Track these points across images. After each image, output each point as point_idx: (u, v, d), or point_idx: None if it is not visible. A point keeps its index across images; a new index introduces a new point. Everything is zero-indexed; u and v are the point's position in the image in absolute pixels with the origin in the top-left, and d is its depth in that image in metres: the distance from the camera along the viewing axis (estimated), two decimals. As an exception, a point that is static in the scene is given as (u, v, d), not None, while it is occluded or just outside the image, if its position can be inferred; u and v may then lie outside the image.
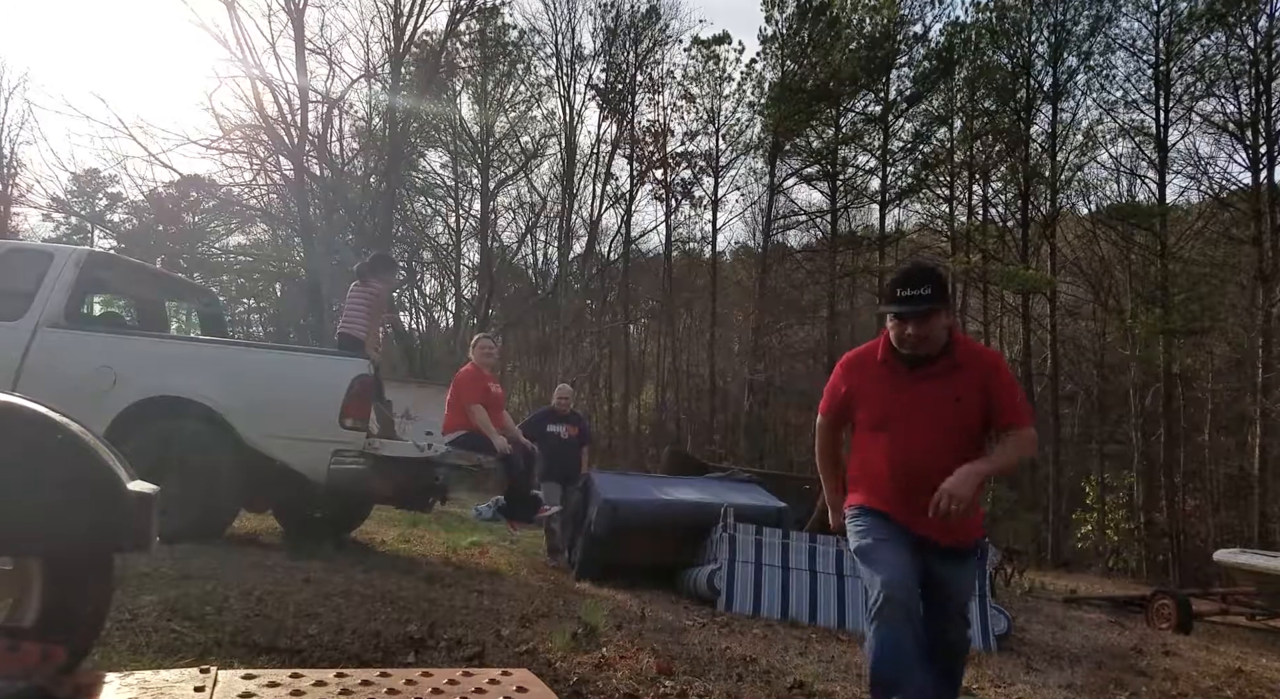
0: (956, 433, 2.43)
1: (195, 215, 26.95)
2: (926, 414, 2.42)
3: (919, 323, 2.38)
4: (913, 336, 2.40)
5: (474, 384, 5.78)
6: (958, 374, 2.44)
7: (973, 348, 2.59)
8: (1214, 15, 18.52)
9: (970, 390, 2.43)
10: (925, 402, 2.43)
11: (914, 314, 2.38)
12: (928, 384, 2.44)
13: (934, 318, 2.39)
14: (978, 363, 2.49)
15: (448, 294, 28.37)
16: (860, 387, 2.55)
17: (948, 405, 2.42)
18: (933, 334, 2.40)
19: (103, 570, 1.70)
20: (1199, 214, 20.78)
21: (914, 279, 2.41)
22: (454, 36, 21.73)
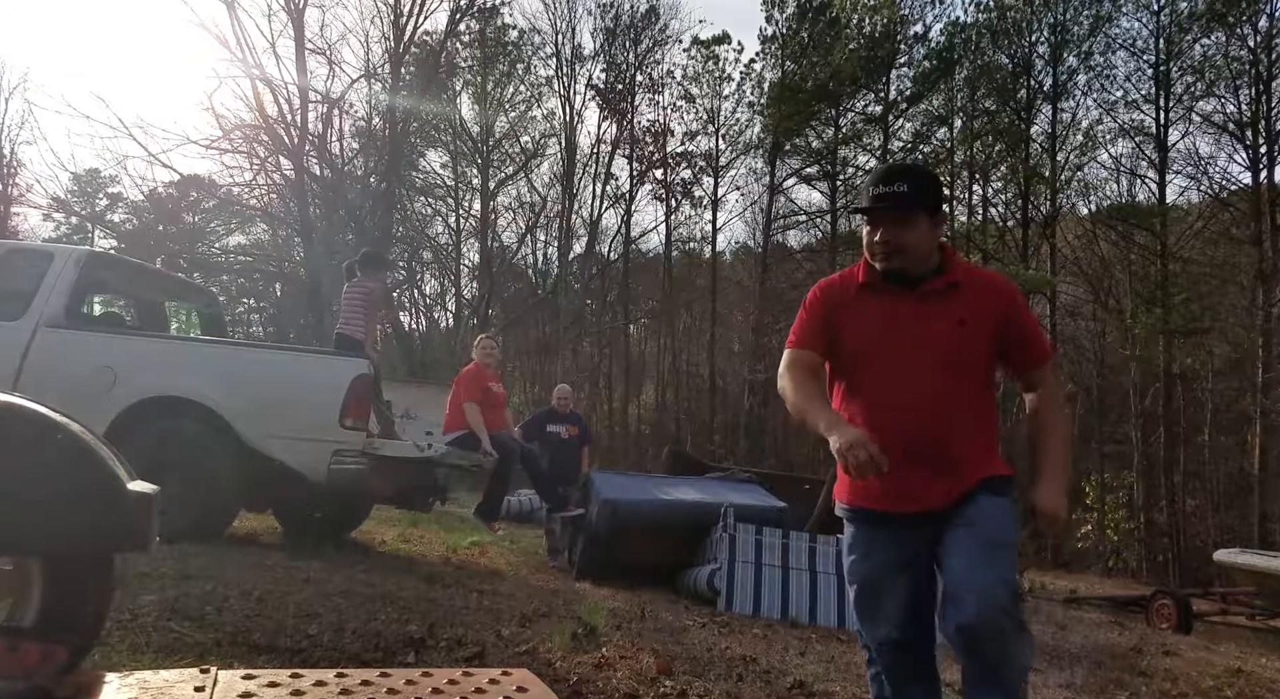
0: (962, 369, 1.94)
1: (195, 215, 26.98)
2: (922, 345, 1.93)
3: (891, 226, 1.94)
4: (883, 244, 1.94)
5: (474, 383, 5.81)
6: (958, 295, 1.97)
7: (977, 271, 2.15)
8: (1214, 15, 18.52)
9: (977, 314, 1.96)
10: (919, 328, 1.95)
11: (885, 214, 1.94)
12: (921, 307, 1.96)
13: (911, 221, 1.93)
14: (986, 286, 2.03)
15: (448, 294, 28.40)
16: (837, 319, 2.03)
17: (949, 331, 1.93)
18: (910, 242, 1.93)
19: (103, 570, 1.70)
20: (1199, 214, 20.78)
21: (889, 175, 1.98)
22: (454, 36, 21.76)
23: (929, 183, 2.00)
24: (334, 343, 5.46)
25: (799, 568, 5.21)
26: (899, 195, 1.92)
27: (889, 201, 1.93)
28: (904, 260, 1.95)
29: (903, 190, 1.92)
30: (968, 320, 1.94)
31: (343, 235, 17.85)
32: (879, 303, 1.99)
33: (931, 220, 1.97)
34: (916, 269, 1.97)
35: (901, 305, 1.97)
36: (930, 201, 1.96)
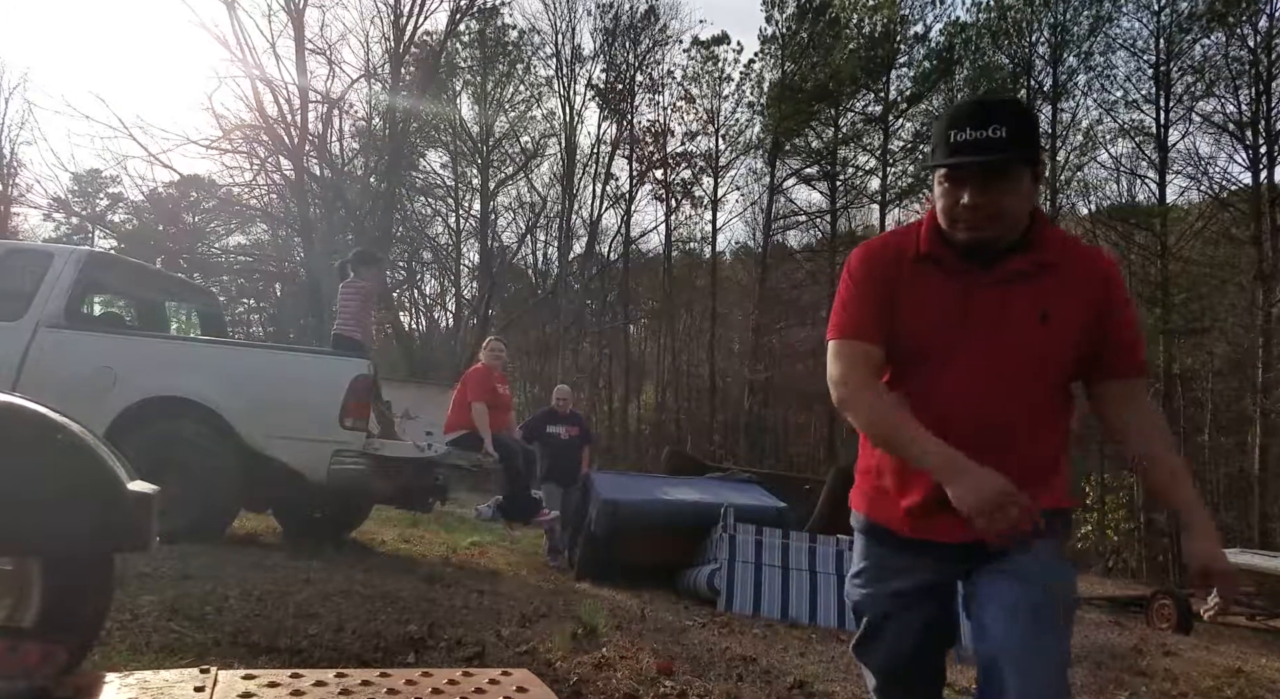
0: (1041, 373, 1.49)
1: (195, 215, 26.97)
2: (993, 344, 1.48)
3: (985, 185, 1.44)
4: (973, 209, 1.45)
5: (482, 383, 5.83)
6: (1047, 279, 1.50)
7: (1075, 245, 1.59)
8: (1214, 15, 18.52)
9: (1065, 305, 1.49)
10: (991, 322, 1.49)
11: (978, 168, 1.44)
12: (998, 293, 1.49)
13: (1011, 179, 1.44)
14: (1083, 265, 1.53)
15: (448, 294, 28.41)
16: (892, 294, 1.55)
17: (1029, 328, 1.48)
18: (1007, 207, 1.46)
19: (103, 571, 1.70)
20: (1199, 214, 20.76)
21: (982, 114, 1.45)
22: (454, 36, 21.77)
23: (1030, 124, 1.48)
24: (331, 343, 5.46)
25: (799, 568, 5.21)
26: (996, 143, 1.41)
27: (982, 151, 1.42)
28: (998, 229, 1.47)
29: (1000, 136, 1.41)
30: (1052, 314, 1.48)
31: (343, 235, 17.85)
32: (943, 283, 1.51)
33: (1032, 173, 1.48)
34: (1007, 239, 1.50)
35: (974, 289, 1.49)
36: (1034, 149, 1.47)
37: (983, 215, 1.45)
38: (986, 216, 1.45)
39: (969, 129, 1.43)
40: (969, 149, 1.42)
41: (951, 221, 1.49)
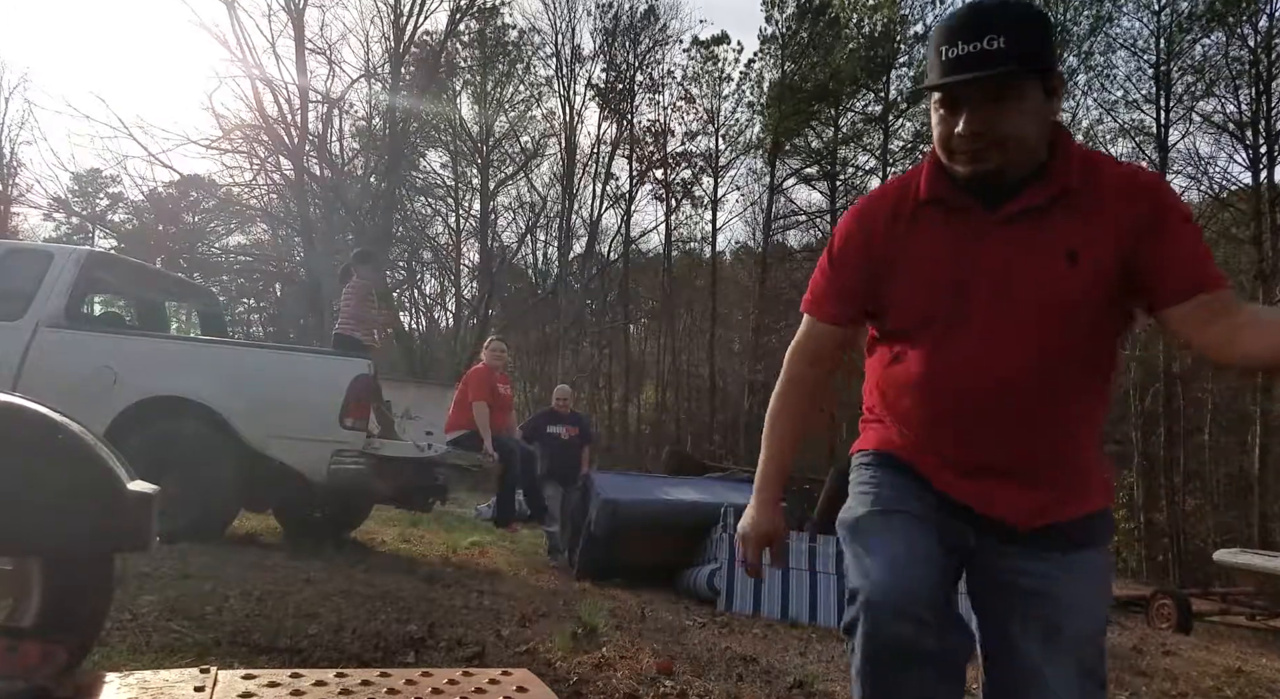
0: (1073, 327, 1.25)
1: (195, 215, 26.98)
2: (1013, 292, 1.26)
3: (983, 107, 1.23)
4: (970, 137, 1.24)
5: (483, 383, 5.84)
6: (1072, 210, 1.26)
7: (1103, 163, 1.31)
8: (1214, 15, 18.52)
9: (1099, 237, 1.25)
10: (1009, 266, 1.26)
11: (973, 88, 1.23)
12: (1013, 233, 1.27)
13: (1017, 94, 1.23)
14: (1116, 184, 1.27)
15: (448, 294, 28.41)
16: (884, 258, 1.35)
17: (1052, 273, 1.25)
18: (1016, 130, 1.23)
19: (103, 570, 1.70)
20: (1199, 214, 20.72)
21: (972, 24, 1.23)
22: (454, 36, 21.77)
23: (1037, 30, 1.24)
24: (333, 344, 5.47)
25: (799, 568, 5.21)
26: (996, 55, 1.19)
27: (979, 66, 1.20)
28: (1005, 157, 1.24)
29: (998, 47, 1.20)
30: (1081, 252, 1.23)
31: (343, 235, 17.87)
32: (945, 230, 1.30)
33: (1044, 88, 1.24)
34: (1020, 169, 1.26)
35: (982, 232, 1.27)
36: (1044, 58, 1.24)
37: (985, 143, 1.23)
38: (990, 143, 1.22)
39: (961, 43, 1.21)
40: (962, 65, 1.20)
41: (949, 153, 1.27)
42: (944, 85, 1.24)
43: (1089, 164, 1.28)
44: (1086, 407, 1.30)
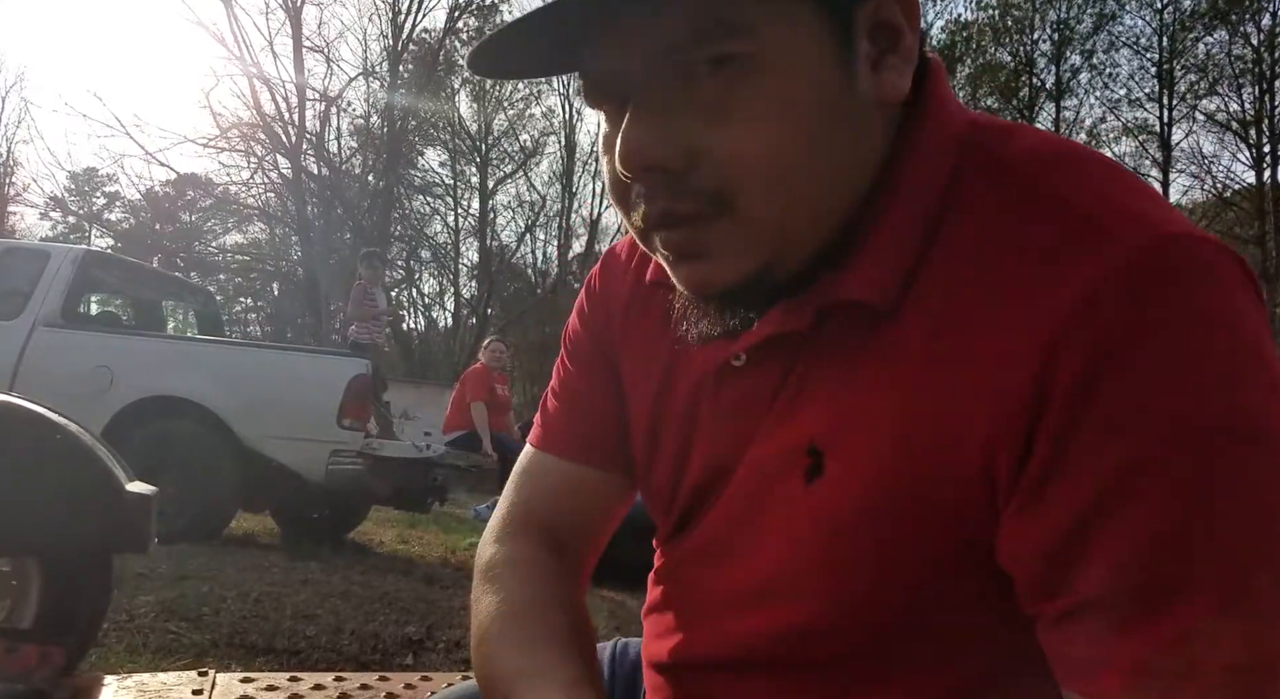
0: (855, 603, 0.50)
1: (192, 214, 26.93)
2: (754, 514, 0.54)
3: (655, 96, 0.47)
4: (641, 170, 0.47)
5: (481, 383, 5.84)
6: (872, 344, 0.49)
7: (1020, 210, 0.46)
8: (1217, 13, 18.54)
9: (915, 422, 0.46)
10: (733, 459, 0.56)
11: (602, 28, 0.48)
12: (748, 384, 0.55)
13: (740, 50, 0.44)
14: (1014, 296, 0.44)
15: (446, 293, 28.36)
16: (616, 367, 0.67)
17: (792, 486, 0.51)
18: (741, 148, 0.45)
19: (101, 571, 1.70)
20: (1202, 213, 20.77)
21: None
22: (453, 34, 21.73)
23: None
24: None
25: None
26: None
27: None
28: (735, 228, 0.47)
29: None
30: (848, 451, 0.49)
31: (340, 234, 17.85)
32: (658, 358, 0.63)
33: (839, 27, 0.47)
34: (787, 262, 0.49)
35: (724, 375, 0.57)
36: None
37: (669, 195, 0.48)
38: (677, 193, 0.47)
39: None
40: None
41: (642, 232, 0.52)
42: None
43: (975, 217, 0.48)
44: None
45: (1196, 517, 0.39)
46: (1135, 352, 0.40)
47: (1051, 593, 0.43)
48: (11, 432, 1.57)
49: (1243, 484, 0.39)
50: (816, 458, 0.50)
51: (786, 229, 0.47)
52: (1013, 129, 0.51)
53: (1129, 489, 0.40)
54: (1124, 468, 0.40)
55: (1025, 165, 0.47)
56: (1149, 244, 0.41)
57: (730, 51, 0.44)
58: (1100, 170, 0.47)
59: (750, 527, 0.55)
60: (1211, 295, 0.41)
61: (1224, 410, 0.40)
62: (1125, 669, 0.39)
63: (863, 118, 0.48)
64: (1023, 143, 0.49)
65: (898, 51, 0.48)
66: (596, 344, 0.69)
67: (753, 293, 0.50)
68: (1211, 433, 0.39)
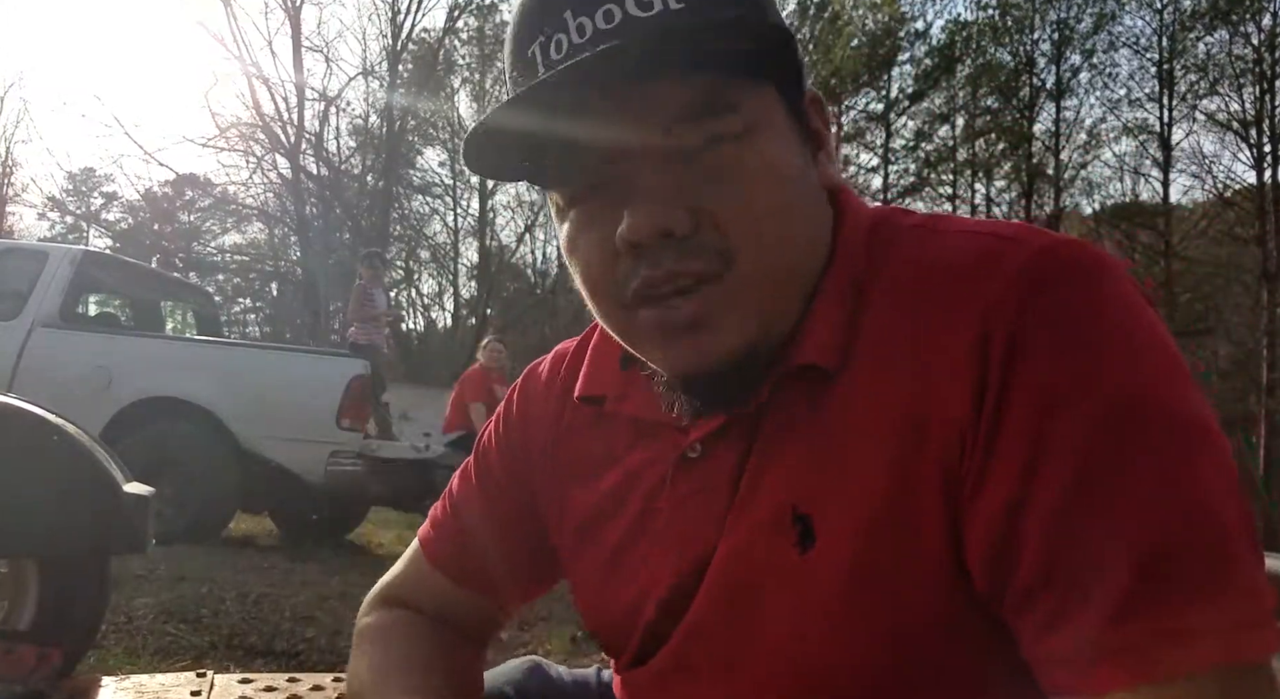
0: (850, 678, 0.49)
1: (191, 214, 26.93)
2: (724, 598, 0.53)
3: (664, 163, 0.49)
4: (657, 234, 0.48)
5: (479, 384, 5.84)
6: (827, 411, 0.51)
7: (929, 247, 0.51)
8: (1217, 13, 18.55)
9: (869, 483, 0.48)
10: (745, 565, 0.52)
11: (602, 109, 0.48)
12: (702, 475, 0.55)
13: (740, 119, 0.49)
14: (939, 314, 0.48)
15: (445, 293, 28.37)
16: (534, 495, 0.67)
17: (781, 558, 0.51)
18: (755, 204, 0.49)
19: (99, 572, 1.69)
20: (1203, 213, 20.79)
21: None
22: (452, 33, 21.74)
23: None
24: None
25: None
26: (654, 28, 0.48)
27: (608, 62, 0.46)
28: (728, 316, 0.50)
29: (665, 7, 0.48)
30: (831, 516, 0.50)
31: (339, 234, 17.85)
32: (625, 468, 0.61)
33: (790, 112, 0.53)
34: (773, 332, 0.52)
35: (679, 474, 0.56)
36: (773, 40, 0.52)
37: (676, 256, 0.49)
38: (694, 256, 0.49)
39: (554, 34, 0.50)
40: (573, 73, 0.47)
41: (617, 309, 0.55)
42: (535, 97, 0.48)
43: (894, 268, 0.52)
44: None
45: (1107, 492, 0.41)
46: (1040, 340, 0.44)
47: (1001, 588, 0.44)
48: (9, 433, 1.57)
49: (1151, 457, 0.42)
50: (804, 523, 0.50)
51: (777, 288, 0.51)
52: (907, 209, 0.58)
53: (1040, 475, 0.43)
54: (1035, 453, 0.43)
55: (925, 221, 0.55)
56: (1049, 245, 0.48)
57: (722, 131, 0.49)
58: (982, 219, 0.54)
59: (746, 614, 0.53)
60: (1109, 285, 0.46)
61: (1125, 387, 0.43)
62: (1079, 654, 0.41)
63: (819, 195, 0.55)
64: (918, 215, 0.56)
65: (825, 149, 0.57)
66: (507, 472, 0.69)
67: (742, 368, 0.51)
68: (1118, 408, 0.42)
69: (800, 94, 0.55)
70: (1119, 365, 0.43)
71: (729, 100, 0.49)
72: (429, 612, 0.71)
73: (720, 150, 0.49)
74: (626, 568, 0.60)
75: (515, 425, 0.69)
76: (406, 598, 0.73)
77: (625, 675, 0.62)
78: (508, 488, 0.69)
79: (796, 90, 0.54)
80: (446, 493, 0.74)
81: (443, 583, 0.70)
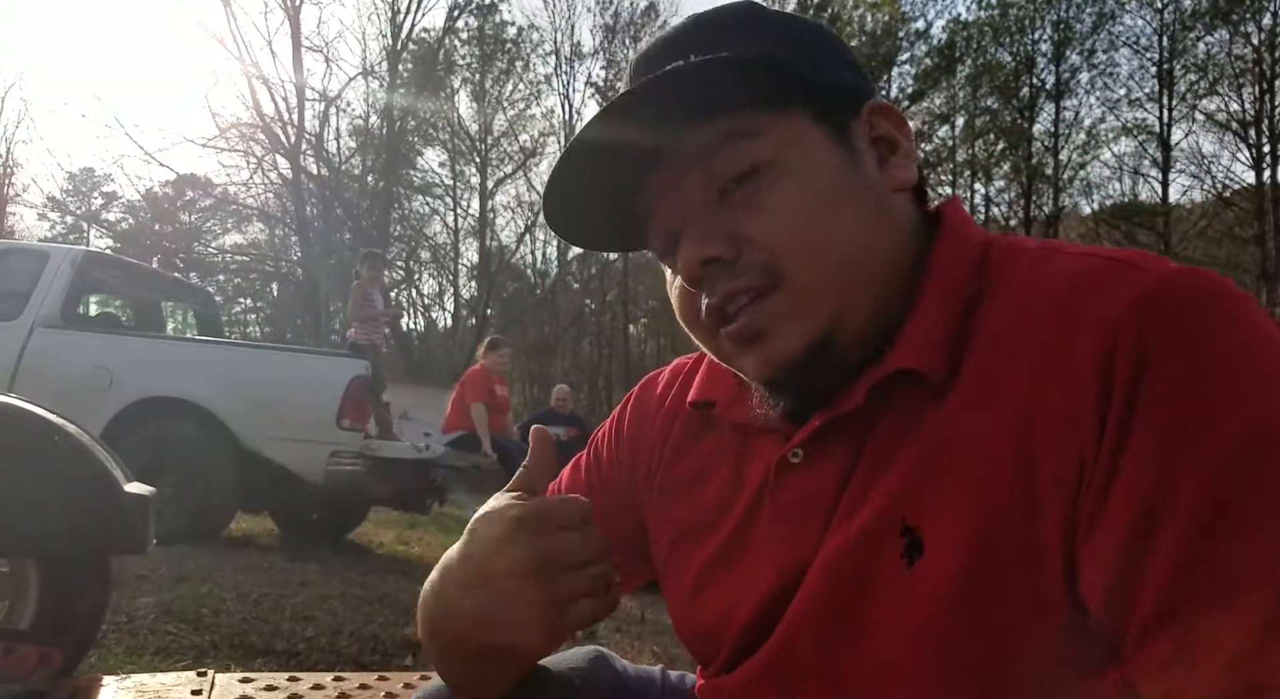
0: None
1: (191, 214, 26.92)
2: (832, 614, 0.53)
3: (698, 196, 0.56)
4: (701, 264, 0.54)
5: (480, 384, 5.84)
6: (929, 421, 0.51)
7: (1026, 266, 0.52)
8: (1217, 13, 18.54)
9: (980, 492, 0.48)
10: (795, 556, 0.55)
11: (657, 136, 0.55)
12: (803, 487, 0.56)
13: (760, 151, 0.54)
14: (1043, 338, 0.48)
15: (446, 294, 28.37)
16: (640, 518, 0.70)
17: (889, 574, 0.51)
18: (787, 226, 0.53)
19: (99, 572, 1.70)
20: (1202, 213, 20.78)
21: (655, 50, 0.58)
22: (452, 33, 21.75)
23: (780, 32, 0.58)
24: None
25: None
26: (653, 88, 0.52)
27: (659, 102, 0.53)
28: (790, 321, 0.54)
29: (697, 59, 0.52)
30: (932, 527, 0.50)
31: (340, 234, 17.85)
32: (726, 470, 0.64)
33: (835, 129, 0.56)
34: (848, 331, 0.54)
35: (764, 487, 0.59)
36: (810, 81, 0.56)
37: (729, 281, 0.55)
38: (742, 283, 0.54)
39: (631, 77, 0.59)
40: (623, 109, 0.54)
41: (703, 332, 0.59)
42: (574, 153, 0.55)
43: (1011, 285, 0.52)
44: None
45: (1236, 530, 0.40)
46: (1169, 366, 0.43)
47: (1121, 622, 0.44)
48: (11, 433, 1.57)
49: (1274, 492, 0.41)
50: (912, 535, 0.50)
51: (837, 291, 0.54)
52: (1023, 236, 0.60)
53: (1167, 508, 0.42)
54: (1162, 484, 0.42)
55: (1044, 244, 0.55)
56: (1177, 271, 0.47)
57: (749, 160, 0.54)
58: (1100, 247, 0.53)
59: (846, 623, 0.53)
60: (1239, 315, 0.45)
61: (1256, 419, 0.42)
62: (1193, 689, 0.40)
63: (880, 198, 0.57)
64: (1035, 240, 0.56)
65: (897, 152, 0.59)
66: (613, 475, 0.74)
67: (816, 364, 0.54)
68: (1248, 443, 0.41)
69: (846, 107, 0.58)
70: (1249, 397, 0.42)
71: (751, 130, 0.54)
72: None
73: (750, 181, 0.54)
74: (723, 575, 0.61)
75: (626, 437, 0.74)
76: None
77: (711, 683, 0.63)
78: (613, 489, 0.73)
79: (836, 105, 0.57)
80: (556, 483, 0.77)
81: None
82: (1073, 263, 0.51)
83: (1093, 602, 0.45)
